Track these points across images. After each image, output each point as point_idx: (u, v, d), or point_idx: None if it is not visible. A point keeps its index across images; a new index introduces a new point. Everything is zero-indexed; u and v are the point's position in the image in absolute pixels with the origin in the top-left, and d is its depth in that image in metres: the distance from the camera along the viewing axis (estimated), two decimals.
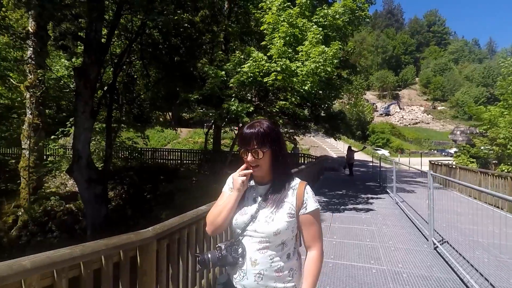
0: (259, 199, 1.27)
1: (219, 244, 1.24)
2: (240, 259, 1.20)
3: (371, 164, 18.14)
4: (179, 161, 18.58)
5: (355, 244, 4.56)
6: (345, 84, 14.72)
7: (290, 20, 7.46)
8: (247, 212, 1.25)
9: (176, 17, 10.49)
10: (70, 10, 7.45)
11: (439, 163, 13.94)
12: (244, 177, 1.24)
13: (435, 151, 45.78)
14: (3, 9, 19.50)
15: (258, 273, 1.19)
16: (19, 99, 15.00)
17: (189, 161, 18.52)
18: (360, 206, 7.73)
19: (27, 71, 13.07)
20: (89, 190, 8.41)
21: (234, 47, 10.30)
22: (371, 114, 53.06)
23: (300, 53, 7.11)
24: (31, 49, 12.12)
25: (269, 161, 1.24)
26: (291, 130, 15.14)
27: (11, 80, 14.30)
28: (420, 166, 15.62)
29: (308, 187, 1.30)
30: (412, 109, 72.92)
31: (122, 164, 15.59)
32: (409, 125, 65.05)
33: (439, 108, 74.04)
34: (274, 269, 1.20)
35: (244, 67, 7.00)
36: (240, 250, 1.20)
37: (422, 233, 5.14)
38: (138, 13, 8.91)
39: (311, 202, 1.27)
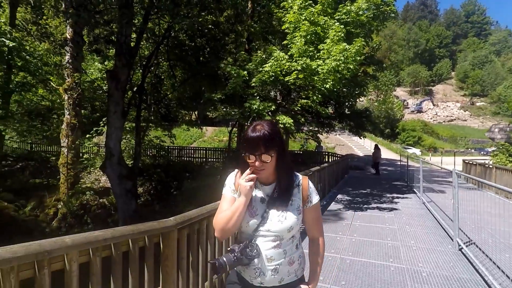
0: (267, 199, 1.30)
1: (231, 247, 1.26)
2: (256, 259, 1.22)
3: (399, 163, 17.55)
4: (203, 159, 19.13)
5: (374, 243, 4.54)
6: (371, 81, 14.35)
7: (312, 18, 7.45)
8: (257, 213, 1.27)
9: (200, 19, 10.83)
10: (103, 17, 7.94)
11: (474, 163, 13.22)
12: (252, 182, 1.23)
13: (473, 150, 43.14)
14: (44, 17, 21.04)
15: (274, 268, 1.25)
16: (58, 101, 16.17)
17: (214, 159, 19.00)
18: (384, 205, 7.58)
19: (65, 75, 14.02)
20: (120, 186, 8.95)
21: (257, 46, 10.43)
22: (401, 111, 51.04)
23: (321, 51, 7.10)
24: (69, 54, 12.97)
25: (275, 163, 1.26)
26: (315, 128, 15.06)
27: (52, 83, 15.44)
28: (453, 166, 14.91)
29: (310, 182, 1.37)
30: (447, 106, 69.06)
31: (150, 162, 16.32)
32: (443, 123, 61.74)
33: (478, 104, 69.41)
34: (287, 261, 1.27)
35: (265, 66, 7.11)
36: (255, 251, 1.22)
37: (448, 234, 4.99)
38: (165, 17, 9.30)
39: (314, 195, 1.35)
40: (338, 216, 6.38)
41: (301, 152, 17.53)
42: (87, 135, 15.35)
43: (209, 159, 19.14)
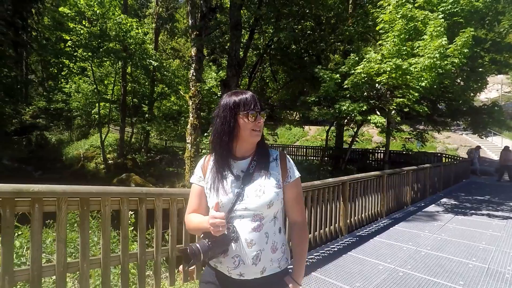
0: (242, 174, 1.18)
1: (206, 232, 1.10)
2: (233, 243, 1.09)
3: None
4: (304, 157, 20.12)
5: (462, 244, 4.45)
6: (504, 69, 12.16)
7: (409, 14, 7.30)
8: (231, 191, 1.15)
9: (300, 26, 11.75)
10: (218, 39, 9.80)
11: None
12: (223, 226, 1.03)
13: None
14: (176, 38, 25.77)
15: (255, 255, 1.11)
16: (185, 106, 19.98)
17: (313, 157, 19.73)
18: (498, 213, 6.77)
19: (190, 85, 17.33)
20: None
21: (351, 49, 10.62)
22: None
23: (418, 48, 6.93)
24: (193, 68, 16.02)
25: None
26: (428, 127, 13.89)
27: (180, 92, 19.19)
28: None
29: (289, 157, 1.28)
30: None
31: None
32: None
33: None
34: (270, 246, 1.14)
35: (357, 68, 7.43)
36: (232, 234, 1.09)
37: None
38: (268, 31, 10.62)
39: (294, 170, 1.24)
40: (432, 217, 6.20)
41: (404, 153, 16.29)
42: (205, 134, 18.49)
43: (309, 157, 20.01)
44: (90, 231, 2.59)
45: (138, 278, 2.40)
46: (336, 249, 4.05)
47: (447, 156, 17.74)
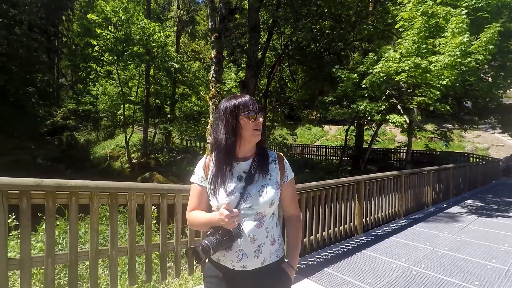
0: (244, 175, 1.25)
1: (211, 230, 1.19)
2: (239, 240, 1.17)
3: None
4: (324, 156, 20.01)
5: (483, 245, 4.36)
6: None
7: (430, 11, 7.15)
8: (235, 191, 1.22)
9: (318, 26, 11.74)
10: (237, 41, 10.02)
11: None
12: (236, 219, 1.13)
13: None
14: (196, 40, 26.33)
15: (257, 249, 1.20)
16: (205, 107, 20.43)
17: (333, 157, 19.58)
18: None
19: (210, 86, 17.73)
20: None
21: (370, 48, 10.48)
22: None
23: (439, 46, 6.78)
24: (213, 70, 16.40)
25: None
26: (454, 126, 13.41)
27: (201, 93, 19.64)
28: None
29: (285, 158, 1.37)
30: None
31: None
32: None
33: None
34: (269, 240, 1.24)
35: (376, 67, 7.36)
36: (238, 231, 1.16)
37: None
38: (286, 32, 10.71)
39: (290, 170, 1.36)
40: (453, 218, 6.07)
41: (428, 152, 15.80)
42: None
43: (329, 157, 19.87)
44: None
45: (160, 267, 2.62)
46: (350, 247, 4.11)
47: (475, 156, 17.00)
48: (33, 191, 1.93)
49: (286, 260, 1.35)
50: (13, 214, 2.50)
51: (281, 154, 1.36)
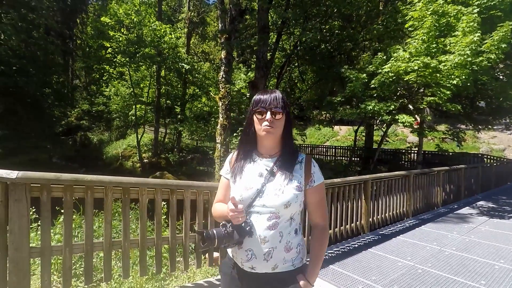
0: (266, 172, 1.21)
1: (224, 222, 1.18)
2: (248, 237, 1.14)
3: None
4: (333, 157, 19.94)
5: (492, 246, 4.32)
6: None
7: (440, 10, 7.09)
8: (252, 186, 1.19)
9: (327, 26, 11.74)
10: (246, 42, 10.12)
11: None
12: (242, 216, 1.11)
13: None
14: (206, 41, 26.59)
15: (267, 252, 1.14)
16: (215, 107, 20.62)
17: (343, 158, 19.49)
18: None
19: (220, 87, 17.92)
20: None
21: (380, 48, 10.42)
22: None
23: (450, 45, 6.72)
24: (223, 70, 16.57)
25: (282, 127, 1.22)
26: (467, 126, 13.16)
27: (211, 93, 19.85)
28: None
29: (314, 161, 1.29)
30: None
31: None
32: None
33: None
34: (283, 246, 1.16)
35: (385, 67, 7.34)
36: (247, 228, 1.13)
37: None
38: (295, 33, 10.75)
39: (319, 175, 1.26)
40: (463, 219, 6.00)
41: (440, 153, 15.53)
42: (234, 134, 19.00)
43: (338, 157, 19.80)
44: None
45: (170, 259, 2.73)
46: (356, 245, 4.15)
47: (489, 157, 16.61)
48: (52, 184, 2.07)
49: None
50: (33, 207, 2.66)
51: (310, 156, 1.30)
